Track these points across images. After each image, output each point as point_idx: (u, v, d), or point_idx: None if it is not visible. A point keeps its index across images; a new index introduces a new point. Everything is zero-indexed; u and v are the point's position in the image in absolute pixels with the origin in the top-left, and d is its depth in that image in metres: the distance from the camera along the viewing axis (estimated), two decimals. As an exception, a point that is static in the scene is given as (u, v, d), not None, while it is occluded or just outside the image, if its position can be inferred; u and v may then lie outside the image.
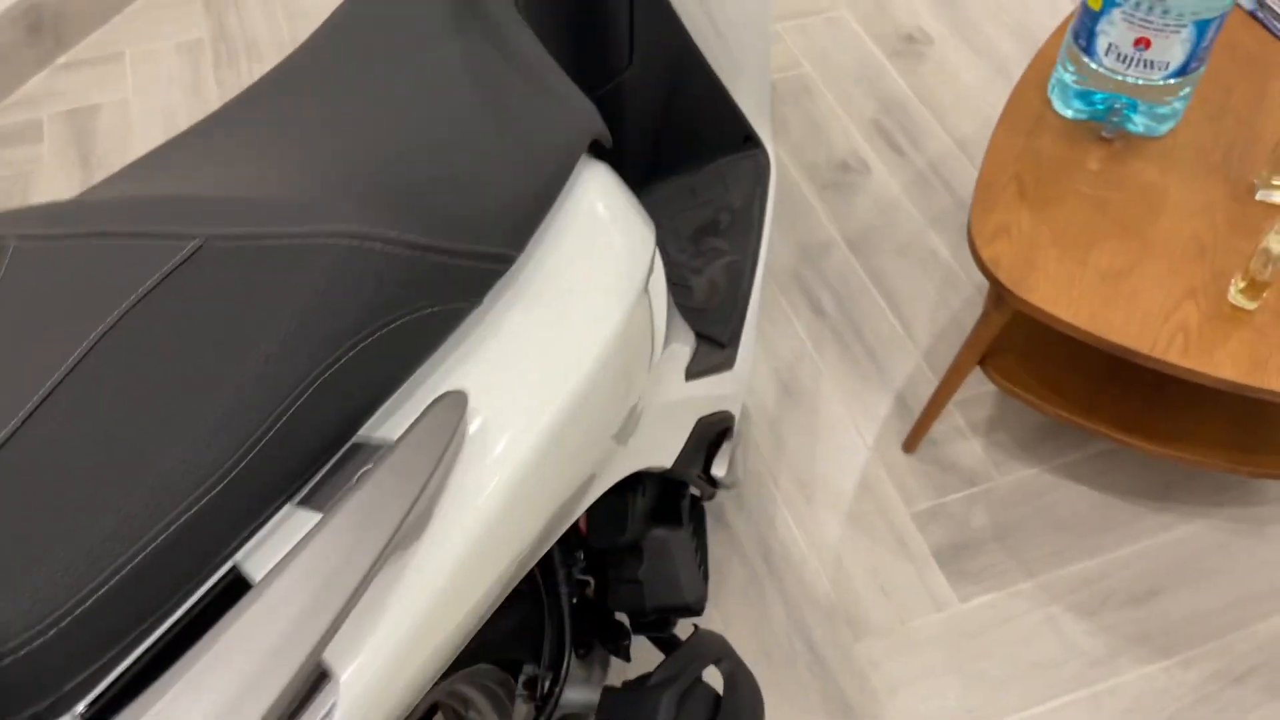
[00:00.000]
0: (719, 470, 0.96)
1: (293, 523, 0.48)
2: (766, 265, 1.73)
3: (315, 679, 0.45)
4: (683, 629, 1.04)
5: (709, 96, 1.37)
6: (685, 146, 1.41)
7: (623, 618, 1.00)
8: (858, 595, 1.37)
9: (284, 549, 0.47)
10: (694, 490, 1.04)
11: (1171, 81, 1.21)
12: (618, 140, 1.37)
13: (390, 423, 0.54)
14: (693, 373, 0.96)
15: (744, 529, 1.44)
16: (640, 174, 1.41)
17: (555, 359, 0.61)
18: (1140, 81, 1.22)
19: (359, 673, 0.46)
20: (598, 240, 0.73)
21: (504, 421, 0.56)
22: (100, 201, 0.57)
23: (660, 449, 0.82)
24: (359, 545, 0.46)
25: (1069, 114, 1.32)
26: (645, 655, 1.13)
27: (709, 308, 1.23)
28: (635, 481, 0.91)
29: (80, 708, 0.41)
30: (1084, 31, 1.23)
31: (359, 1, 0.82)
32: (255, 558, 0.47)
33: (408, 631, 0.48)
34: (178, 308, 0.50)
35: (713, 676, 0.90)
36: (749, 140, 1.44)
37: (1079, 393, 1.35)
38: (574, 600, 0.91)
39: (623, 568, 0.95)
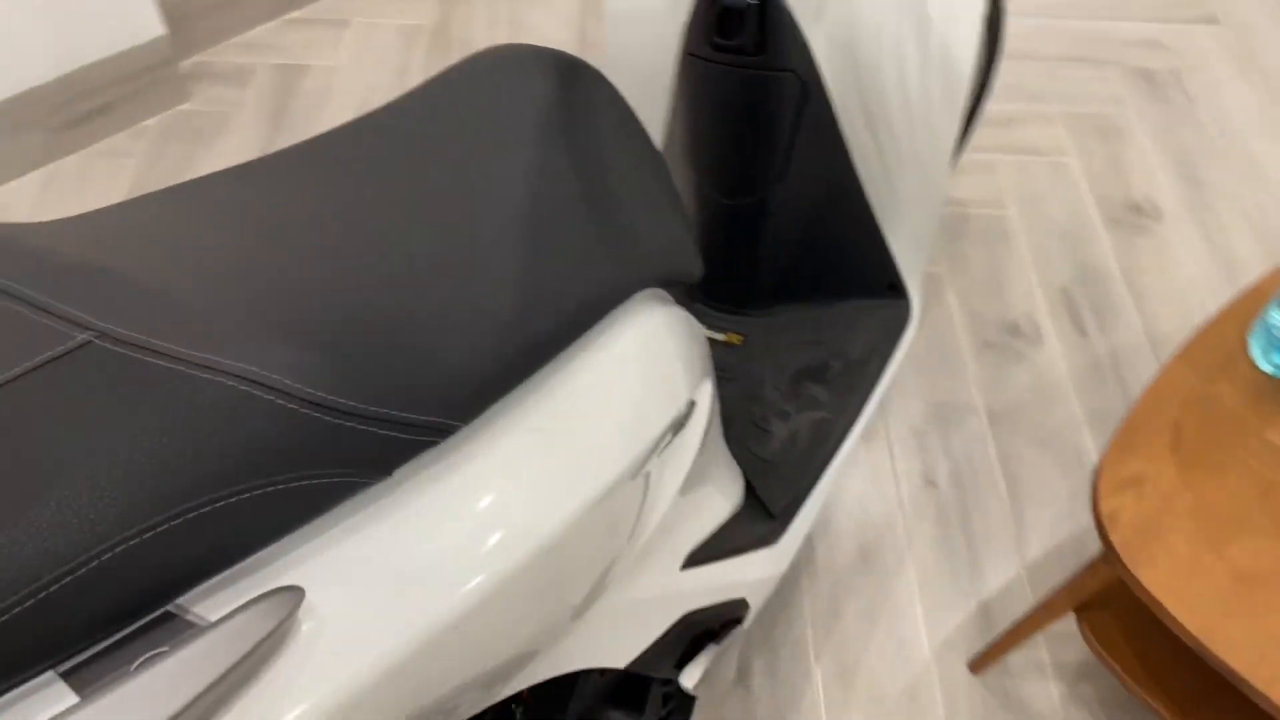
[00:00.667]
0: (688, 680, 0.84)
1: (41, 698, 0.42)
2: (879, 419, 1.59)
3: None
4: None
5: (859, 233, 1.25)
6: (823, 277, 1.29)
7: None
8: (861, 815, 1.22)
9: None
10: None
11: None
12: (750, 253, 1.27)
13: (223, 596, 0.47)
14: (705, 555, 0.85)
15: (765, 698, 1.30)
16: (768, 292, 1.30)
17: (456, 557, 0.53)
18: (1359, 363, 1.02)
19: None
20: (602, 400, 0.64)
21: (348, 631, 0.48)
22: (36, 249, 0.53)
23: (607, 649, 0.72)
24: None
25: (1267, 368, 1.12)
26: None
27: (778, 463, 1.11)
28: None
29: None
30: (1305, 286, 1.03)
31: (464, 74, 0.75)
32: None
33: None
34: (36, 402, 0.45)
35: None
36: (893, 289, 1.30)
37: (1179, 687, 1.14)
38: None
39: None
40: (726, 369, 1.24)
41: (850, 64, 1.11)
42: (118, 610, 0.44)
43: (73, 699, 0.42)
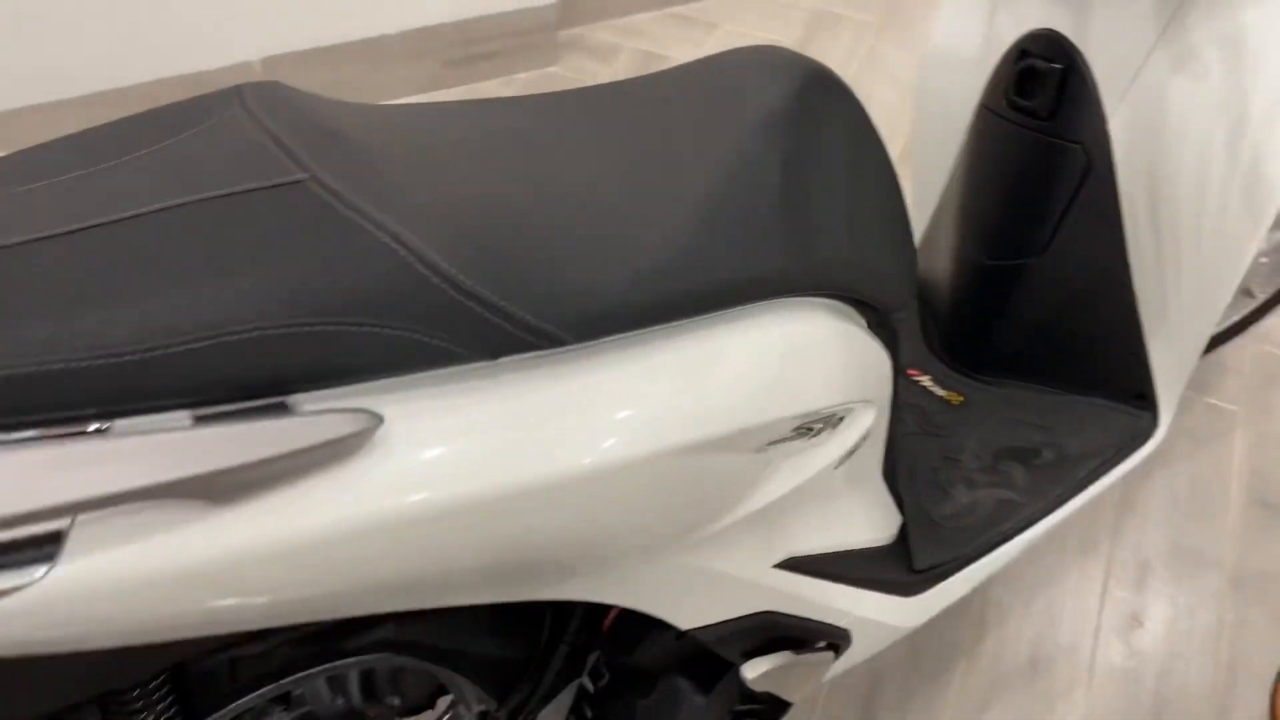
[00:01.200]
0: (749, 671, 0.85)
1: (168, 419, 0.53)
2: (1106, 539, 1.47)
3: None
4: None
5: (1117, 328, 1.18)
6: (1066, 364, 1.23)
7: None
8: None
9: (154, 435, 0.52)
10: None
11: None
12: (996, 319, 1.24)
13: (325, 402, 0.57)
14: (812, 568, 0.86)
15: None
16: (1005, 363, 1.26)
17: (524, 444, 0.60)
18: None
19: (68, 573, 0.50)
20: (721, 365, 0.68)
21: (413, 466, 0.57)
22: (299, 104, 0.66)
23: (673, 606, 0.76)
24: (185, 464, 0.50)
25: None
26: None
27: (944, 525, 1.09)
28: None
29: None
30: None
31: (723, 61, 0.82)
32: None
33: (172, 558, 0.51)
34: (246, 211, 0.57)
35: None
36: (1140, 399, 1.22)
37: None
38: (562, 675, 0.88)
39: (629, 690, 0.90)
40: (936, 425, 1.22)
41: (1148, 151, 1.06)
42: (242, 381, 0.54)
43: (188, 424, 0.53)
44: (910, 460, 1.16)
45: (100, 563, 0.50)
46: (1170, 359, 1.18)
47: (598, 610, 0.88)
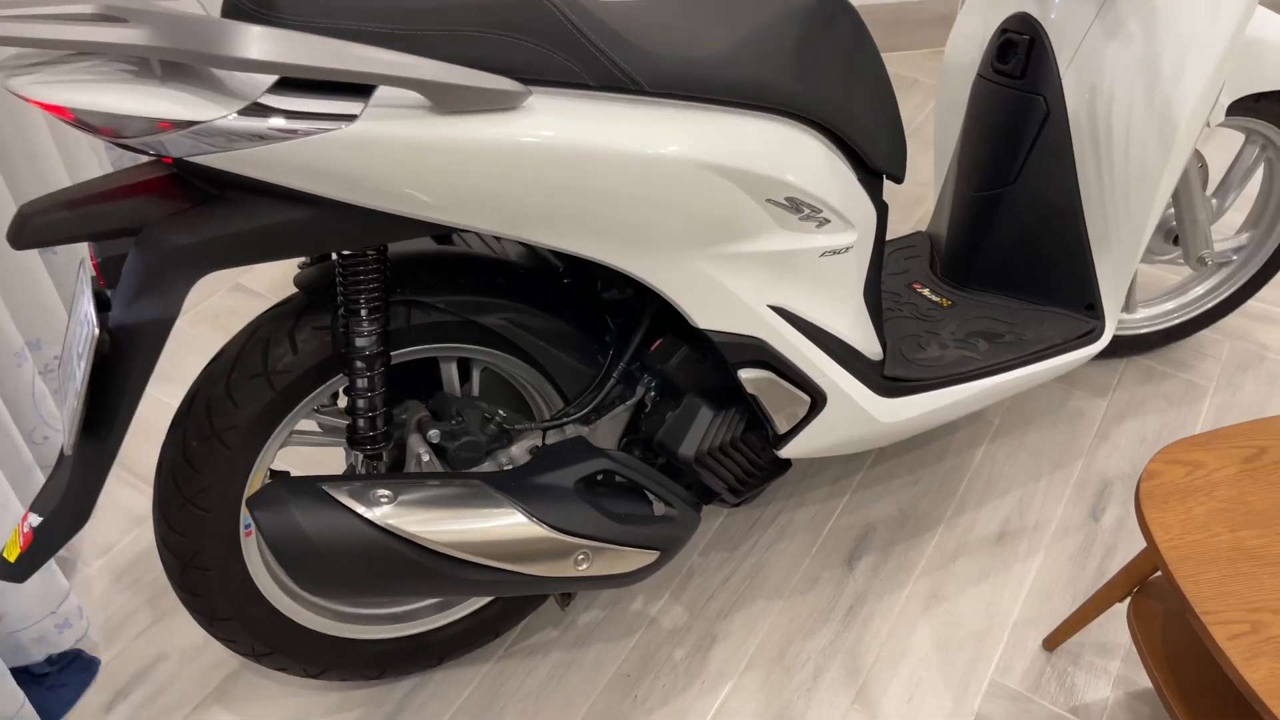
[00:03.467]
0: (744, 373, 1.22)
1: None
2: (1077, 458, 1.77)
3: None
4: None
5: (1071, 247, 1.54)
6: (1030, 277, 1.59)
7: None
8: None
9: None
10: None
11: None
12: (981, 239, 1.60)
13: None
14: (800, 324, 1.22)
15: (861, 582, 1.58)
16: (987, 277, 1.62)
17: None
18: None
19: None
20: (745, 131, 1.09)
21: (543, 119, 0.98)
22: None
23: (690, 299, 1.13)
24: None
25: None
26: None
27: (913, 361, 1.44)
28: (710, 351, 1.23)
29: None
30: None
31: None
32: None
33: None
34: None
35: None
36: (1090, 309, 1.56)
37: (1191, 683, 1.25)
38: (617, 392, 1.27)
39: (664, 405, 1.28)
40: (926, 316, 1.58)
41: (1090, 101, 1.44)
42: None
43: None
44: (898, 329, 1.52)
45: (372, 128, 0.92)
46: (1112, 274, 1.53)
47: (648, 340, 1.26)
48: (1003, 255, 1.60)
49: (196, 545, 1.17)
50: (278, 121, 0.88)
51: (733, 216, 1.11)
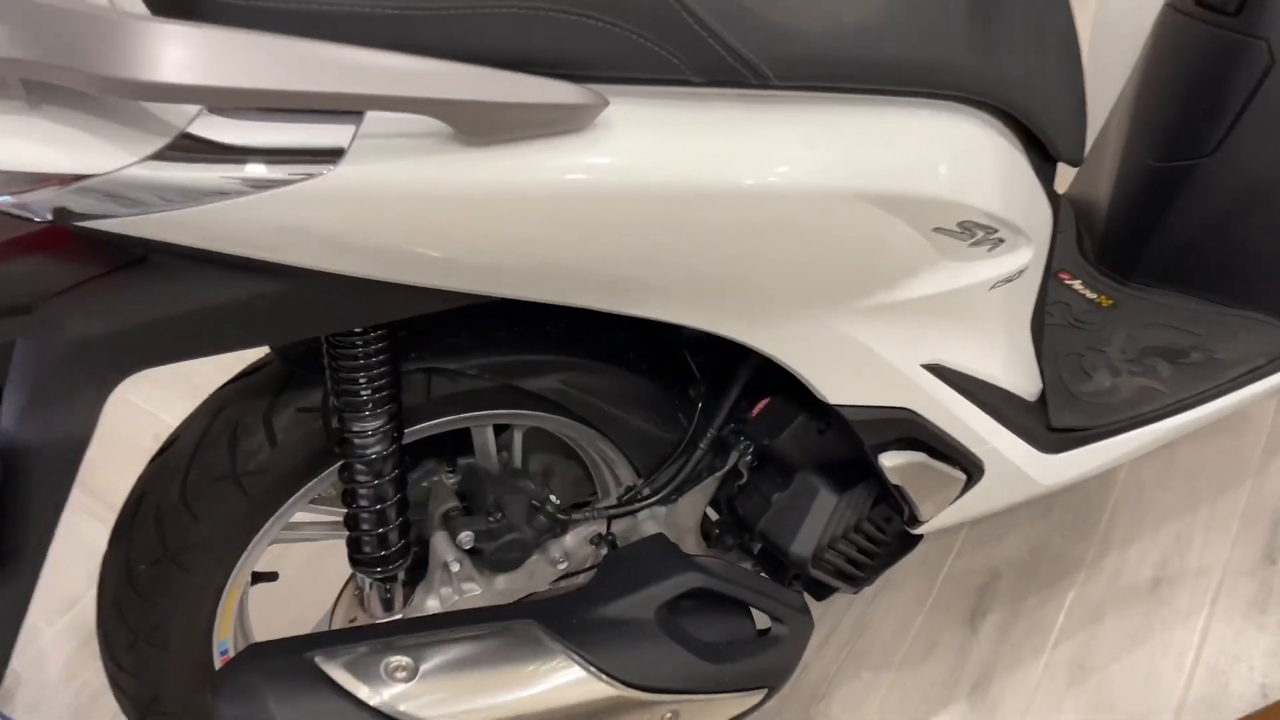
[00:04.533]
0: (886, 459, 0.88)
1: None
2: (1258, 480, 1.45)
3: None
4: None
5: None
6: (1221, 272, 1.24)
7: None
8: None
9: None
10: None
11: None
12: (1156, 223, 1.25)
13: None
14: (957, 383, 0.90)
15: (986, 649, 1.29)
16: (1160, 270, 1.27)
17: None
18: None
19: None
20: (907, 138, 0.74)
21: (624, 144, 0.64)
22: None
23: (820, 371, 0.81)
24: None
25: None
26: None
27: (1082, 399, 1.11)
28: (832, 421, 0.90)
29: None
30: None
31: None
32: None
33: None
34: None
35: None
36: (1305, 317, 1.21)
37: None
38: (706, 462, 0.95)
39: (767, 484, 0.96)
40: (1084, 321, 1.24)
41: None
42: (497, 53, 0.62)
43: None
44: (1054, 345, 1.18)
45: (369, 171, 0.58)
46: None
47: (748, 398, 0.94)
48: (1188, 244, 1.24)
49: (156, 687, 0.88)
50: (220, 172, 0.55)
51: (888, 256, 0.77)
